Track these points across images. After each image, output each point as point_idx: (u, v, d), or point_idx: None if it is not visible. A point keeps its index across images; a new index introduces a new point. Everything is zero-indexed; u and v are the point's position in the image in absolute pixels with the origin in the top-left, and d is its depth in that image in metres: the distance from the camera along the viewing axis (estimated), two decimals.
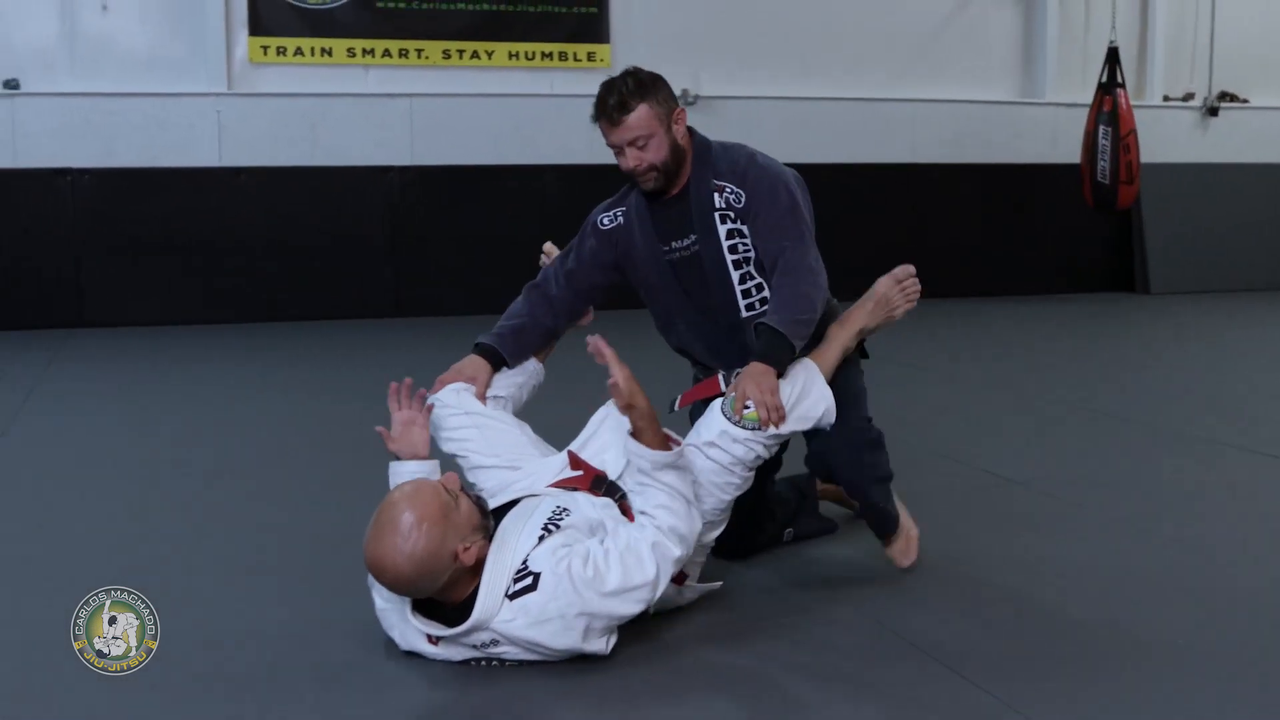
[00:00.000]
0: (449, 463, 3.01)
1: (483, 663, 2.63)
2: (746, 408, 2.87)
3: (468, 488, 2.79)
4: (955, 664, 2.66)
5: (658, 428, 2.72)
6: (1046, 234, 10.44)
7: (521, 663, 2.61)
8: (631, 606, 2.59)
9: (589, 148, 8.55)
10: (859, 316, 3.20)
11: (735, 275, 3.15)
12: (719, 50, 9.64)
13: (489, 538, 2.62)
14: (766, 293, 3.12)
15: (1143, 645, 2.78)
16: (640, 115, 3.06)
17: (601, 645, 2.61)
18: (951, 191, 10.19)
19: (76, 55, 8.62)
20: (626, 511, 2.76)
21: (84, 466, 4.64)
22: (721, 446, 2.87)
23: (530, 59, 9.29)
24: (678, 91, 9.26)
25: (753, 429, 2.87)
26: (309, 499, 4.10)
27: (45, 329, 8.34)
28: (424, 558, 2.48)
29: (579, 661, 2.63)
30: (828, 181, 9.99)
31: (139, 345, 7.78)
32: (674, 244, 3.19)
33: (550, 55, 9.32)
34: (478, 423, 3.07)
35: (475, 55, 9.19)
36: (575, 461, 2.92)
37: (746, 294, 3.15)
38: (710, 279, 3.16)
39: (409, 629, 2.65)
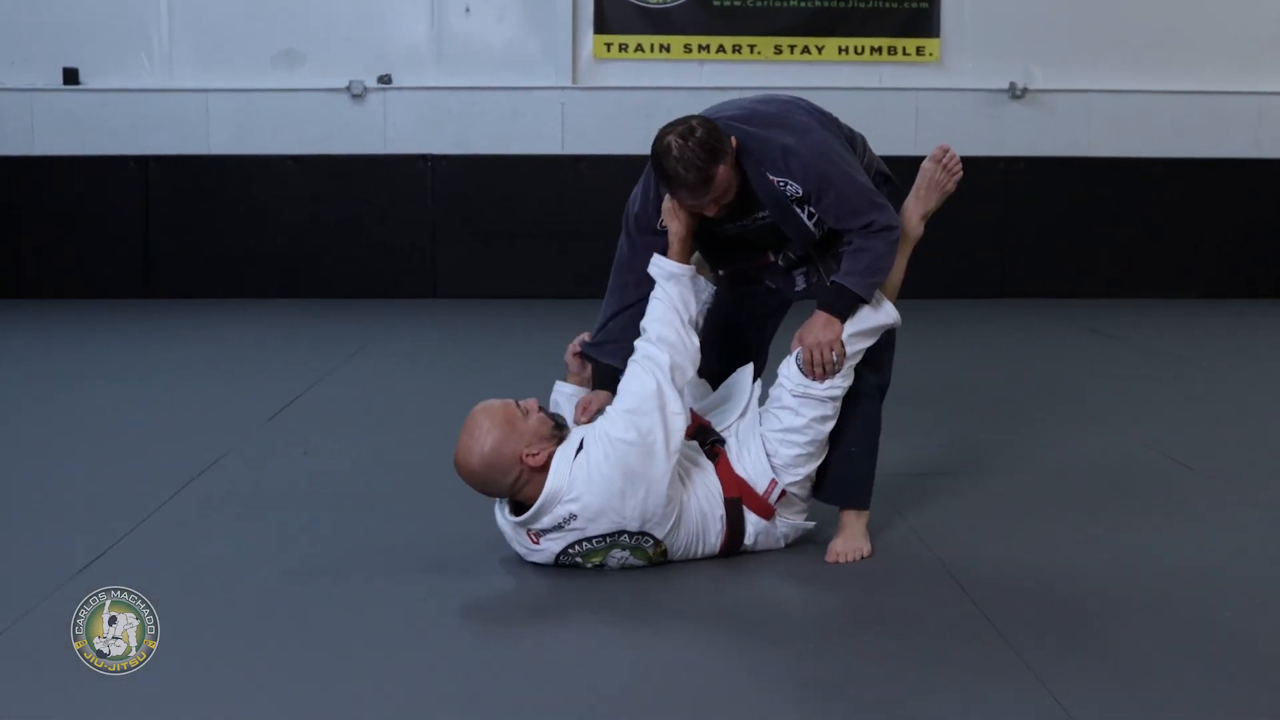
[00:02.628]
0: None
1: (569, 552, 3.04)
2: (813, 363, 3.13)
3: (548, 408, 3.23)
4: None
5: (684, 251, 3.19)
6: None
7: (602, 567, 3.07)
8: (651, 416, 2.99)
9: (916, 139, 8.70)
10: (917, 205, 3.42)
11: (818, 232, 3.19)
12: (1051, 43, 9.50)
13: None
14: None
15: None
16: (721, 177, 3.03)
17: (664, 465, 2.97)
18: None
19: (442, 53, 9.50)
20: (718, 454, 3.18)
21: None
22: (808, 395, 3.15)
23: (859, 53, 9.47)
24: (1005, 85, 9.39)
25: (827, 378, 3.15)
26: None
27: (402, 298, 9.27)
28: (490, 456, 2.99)
29: (640, 575, 3.06)
30: (1164, 176, 9.72)
31: (485, 314, 8.49)
32: (737, 223, 3.22)
33: (879, 50, 9.46)
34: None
35: (806, 50, 9.46)
36: (693, 415, 3.27)
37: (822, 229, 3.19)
38: (791, 237, 3.22)
39: (508, 528, 3.10)
